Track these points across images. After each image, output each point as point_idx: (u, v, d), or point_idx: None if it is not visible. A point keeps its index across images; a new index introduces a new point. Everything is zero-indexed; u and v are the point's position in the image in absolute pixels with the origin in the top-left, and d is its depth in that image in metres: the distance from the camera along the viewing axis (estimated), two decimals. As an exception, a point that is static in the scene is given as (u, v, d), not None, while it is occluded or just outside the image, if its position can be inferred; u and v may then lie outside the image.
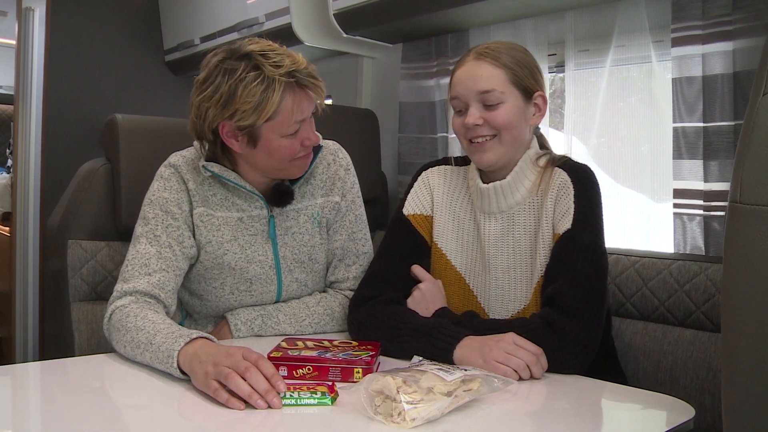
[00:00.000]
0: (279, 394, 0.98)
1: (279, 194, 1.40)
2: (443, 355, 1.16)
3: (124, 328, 1.20)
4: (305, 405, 0.98)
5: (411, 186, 1.47)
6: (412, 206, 1.45)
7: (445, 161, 1.48)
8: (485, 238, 1.36)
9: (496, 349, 1.13)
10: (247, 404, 0.96)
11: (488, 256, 1.35)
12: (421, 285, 1.36)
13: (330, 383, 1.04)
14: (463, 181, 1.43)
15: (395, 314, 1.29)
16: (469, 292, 1.38)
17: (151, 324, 1.18)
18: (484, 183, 1.35)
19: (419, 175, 1.48)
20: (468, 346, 1.17)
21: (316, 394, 0.99)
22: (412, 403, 0.89)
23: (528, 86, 1.31)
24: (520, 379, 1.12)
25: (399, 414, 0.89)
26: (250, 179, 1.38)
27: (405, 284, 1.38)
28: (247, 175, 1.38)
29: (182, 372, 1.07)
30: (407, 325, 1.25)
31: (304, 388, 1.00)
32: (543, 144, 1.40)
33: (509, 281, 1.33)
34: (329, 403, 0.98)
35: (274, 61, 1.25)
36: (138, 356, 1.16)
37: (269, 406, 0.97)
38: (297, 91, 1.27)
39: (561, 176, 1.30)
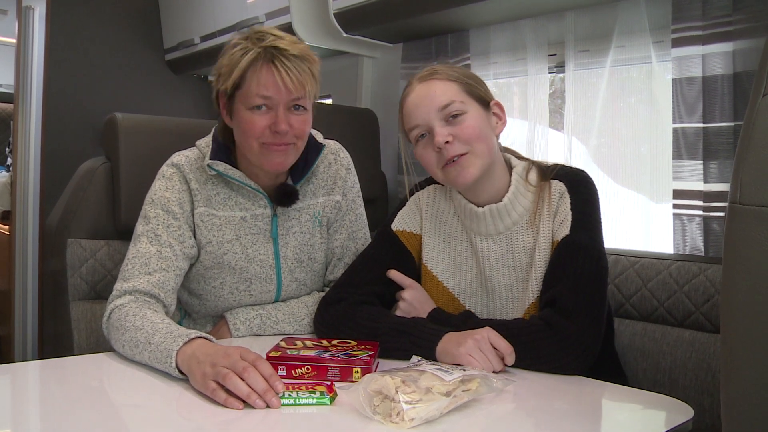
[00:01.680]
0: (277, 394, 0.98)
1: (284, 194, 1.39)
2: (425, 353, 1.16)
3: (123, 327, 1.20)
4: (304, 405, 0.98)
5: (402, 205, 1.45)
6: (401, 223, 1.42)
7: (434, 180, 1.41)
8: (484, 259, 1.34)
9: (469, 342, 1.13)
10: (246, 404, 0.96)
11: (489, 277, 1.34)
12: (404, 294, 1.34)
13: (328, 383, 1.04)
14: (448, 201, 1.40)
15: (371, 314, 1.28)
16: None
17: (149, 323, 1.18)
18: (476, 205, 1.32)
19: (411, 195, 1.44)
20: (448, 341, 1.17)
21: (315, 393, 0.99)
22: (410, 403, 0.89)
23: (482, 95, 1.29)
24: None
25: (398, 414, 0.89)
26: (255, 178, 1.38)
27: (380, 292, 1.36)
28: (251, 172, 1.38)
29: (180, 372, 1.07)
30: (384, 324, 1.25)
31: (303, 387, 1.00)
32: (516, 156, 1.37)
33: (511, 298, 1.32)
34: (328, 402, 0.98)
35: (261, 37, 1.30)
36: (136, 355, 1.16)
37: (268, 406, 0.97)
38: (263, 63, 1.28)
39: (558, 187, 1.28)
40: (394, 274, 1.36)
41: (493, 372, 1.11)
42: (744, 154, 0.66)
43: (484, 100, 1.29)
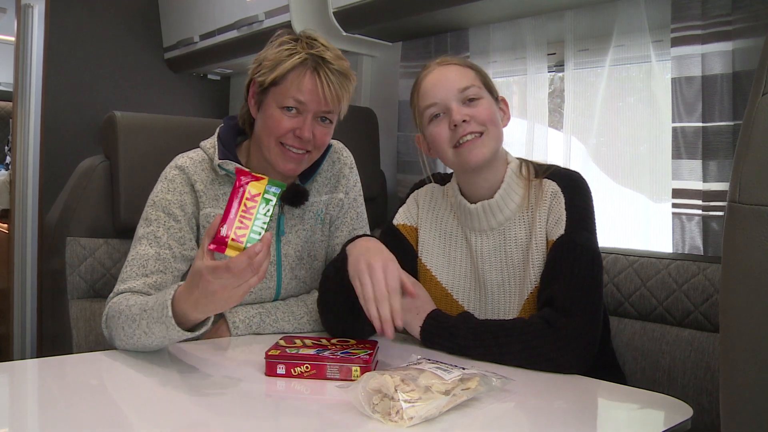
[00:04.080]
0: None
1: (295, 195, 1.41)
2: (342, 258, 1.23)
3: (118, 312, 1.21)
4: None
5: (403, 201, 1.49)
6: (401, 217, 1.46)
7: (434, 179, 1.47)
8: (477, 254, 1.36)
9: (362, 264, 1.16)
10: (244, 402, 0.96)
11: (482, 272, 1.35)
12: None
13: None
14: (445, 198, 1.43)
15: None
16: (458, 308, 1.37)
17: (143, 299, 1.20)
18: (469, 201, 1.34)
19: (411, 192, 1.49)
20: (360, 248, 1.21)
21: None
22: (410, 402, 0.89)
23: (493, 90, 1.34)
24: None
25: (397, 413, 0.89)
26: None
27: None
28: (260, 171, 1.38)
29: (178, 327, 1.10)
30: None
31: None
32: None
33: (503, 295, 1.33)
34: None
35: (311, 44, 1.33)
36: (135, 330, 1.16)
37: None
38: (308, 71, 1.30)
39: (551, 187, 1.30)
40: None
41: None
42: (743, 154, 0.65)
43: (493, 92, 1.34)
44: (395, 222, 1.46)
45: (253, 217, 1.02)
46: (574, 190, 1.29)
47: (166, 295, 1.12)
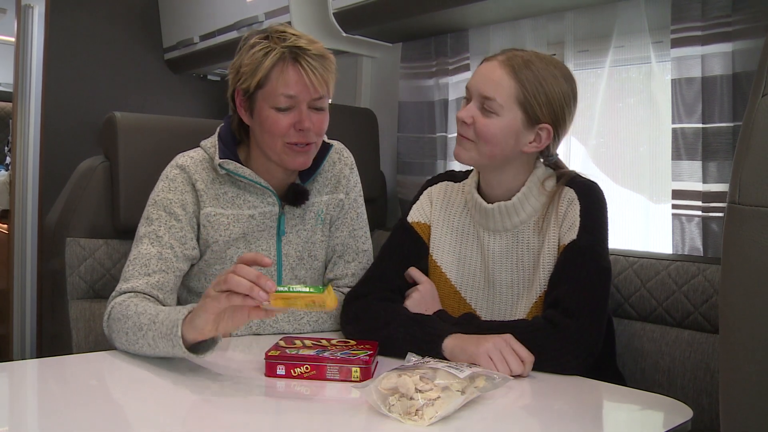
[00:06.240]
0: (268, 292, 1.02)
1: (296, 194, 1.41)
2: (433, 345, 1.17)
3: (125, 316, 1.21)
4: (297, 292, 1.02)
5: (416, 198, 1.48)
6: (415, 215, 1.46)
7: (448, 176, 1.48)
8: (489, 254, 1.36)
9: (489, 343, 1.14)
10: (244, 403, 0.96)
11: (492, 272, 1.35)
12: (419, 287, 1.37)
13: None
14: (460, 195, 1.43)
15: (389, 308, 1.30)
16: (465, 306, 1.38)
17: (152, 308, 1.19)
18: (486, 201, 1.35)
19: (424, 189, 1.49)
20: (464, 339, 1.17)
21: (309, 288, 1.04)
22: (430, 400, 0.90)
23: (535, 113, 1.26)
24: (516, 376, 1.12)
25: (416, 412, 0.89)
26: (265, 176, 1.39)
27: (403, 286, 1.39)
28: (261, 171, 1.39)
29: (186, 349, 1.09)
30: (400, 315, 1.27)
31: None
32: (558, 165, 1.38)
33: (512, 296, 1.33)
34: (321, 291, 1.02)
35: (282, 37, 1.31)
36: (140, 339, 1.16)
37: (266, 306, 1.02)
38: (289, 63, 1.30)
39: (568, 194, 1.30)
40: (413, 272, 1.39)
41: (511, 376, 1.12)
42: (743, 155, 0.66)
43: (533, 116, 1.27)
44: (409, 219, 1.45)
45: (293, 286, 1.06)
46: (590, 199, 1.29)
47: (178, 313, 1.11)
